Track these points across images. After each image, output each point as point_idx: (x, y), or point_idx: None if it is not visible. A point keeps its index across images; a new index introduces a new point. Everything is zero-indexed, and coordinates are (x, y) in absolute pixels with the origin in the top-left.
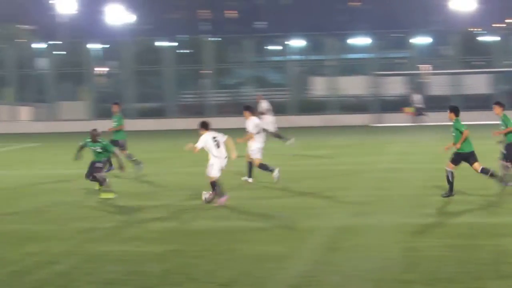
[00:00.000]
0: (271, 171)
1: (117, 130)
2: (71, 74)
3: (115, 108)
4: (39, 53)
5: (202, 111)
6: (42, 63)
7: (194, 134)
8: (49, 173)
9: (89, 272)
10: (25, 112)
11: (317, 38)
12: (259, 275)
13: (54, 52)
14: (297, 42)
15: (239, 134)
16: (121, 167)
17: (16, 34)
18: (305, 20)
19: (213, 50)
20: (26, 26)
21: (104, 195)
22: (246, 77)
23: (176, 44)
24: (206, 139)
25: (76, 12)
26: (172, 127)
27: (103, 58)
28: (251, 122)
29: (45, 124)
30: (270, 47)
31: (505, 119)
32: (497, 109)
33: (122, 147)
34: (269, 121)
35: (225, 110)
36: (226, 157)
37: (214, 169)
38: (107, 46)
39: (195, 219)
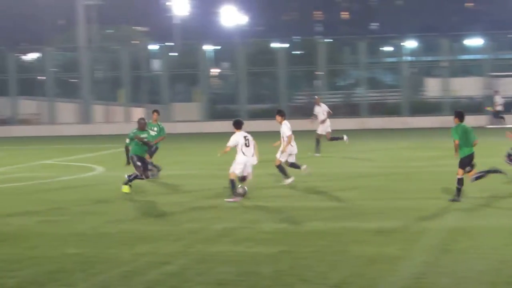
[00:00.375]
0: (286, 176)
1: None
2: (185, 76)
3: (155, 116)
4: (153, 54)
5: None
6: (156, 65)
7: (307, 136)
8: (161, 174)
9: (201, 273)
10: (138, 113)
11: (431, 39)
12: (371, 276)
13: (170, 54)
14: (411, 43)
15: (350, 134)
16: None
17: (131, 36)
18: (419, 20)
19: (326, 52)
20: (141, 28)
21: (126, 189)
22: (359, 78)
23: (288, 45)
24: (237, 138)
25: (189, 13)
26: None
27: (216, 59)
28: (286, 126)
29: None
30: (383, 48)
31: None
32: None
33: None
34: (326, 125)
35: (338, 111)
36: (253, 154)
37: (238, 167)
38: (219, 47)
39: (306, 220)
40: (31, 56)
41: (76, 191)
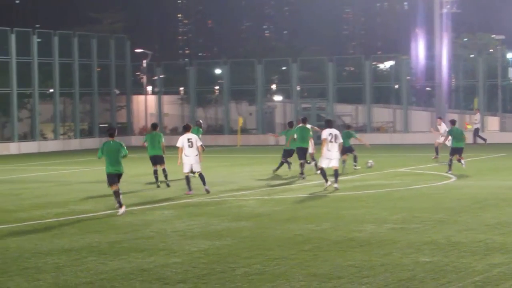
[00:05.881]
0: None
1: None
2: None
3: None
4: (510, 62)
5: None
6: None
7: None
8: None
9: None
10: (493, 122)
11: None
12: None
13: None
14: None
15: None
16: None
17: (487, 44)
18: None
19: None
20: (498, 36)
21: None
22: None
23: None
24: (183, 140)
25: None
26: None
27: None
28: None
29: None
30: None
31: None
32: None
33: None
34: None
35: None
36: (196, 155)
37: (185, 167)
38: None
39: None
40: (387, 64)
41: (429, 199)
